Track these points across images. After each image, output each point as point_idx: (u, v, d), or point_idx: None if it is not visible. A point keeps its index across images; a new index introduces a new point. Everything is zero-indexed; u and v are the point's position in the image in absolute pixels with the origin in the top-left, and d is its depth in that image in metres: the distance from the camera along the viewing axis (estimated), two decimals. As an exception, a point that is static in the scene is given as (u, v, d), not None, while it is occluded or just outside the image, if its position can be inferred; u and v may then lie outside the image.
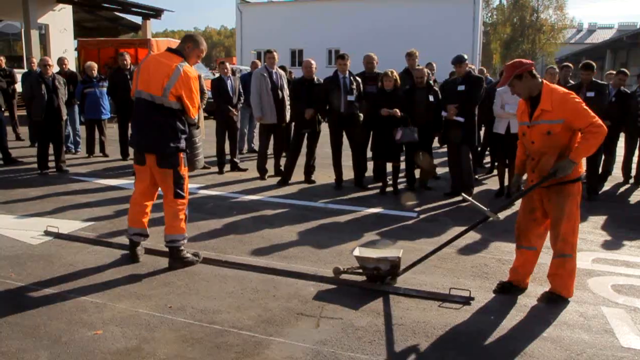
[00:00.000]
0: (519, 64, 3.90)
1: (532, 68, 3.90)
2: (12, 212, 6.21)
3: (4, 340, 3.31)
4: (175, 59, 4.38)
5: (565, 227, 3.86)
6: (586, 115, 3.68)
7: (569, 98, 3.76)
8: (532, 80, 3.86)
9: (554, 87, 3.87)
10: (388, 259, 4.19)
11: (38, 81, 8.26)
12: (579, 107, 3.71)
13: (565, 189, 3.85)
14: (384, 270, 4.18)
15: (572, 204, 3.87)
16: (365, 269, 4.23)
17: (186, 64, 4.37)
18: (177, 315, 3.68)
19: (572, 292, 4.03)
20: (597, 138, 3.69)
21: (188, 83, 4.32)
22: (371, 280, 4.23)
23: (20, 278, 4.26)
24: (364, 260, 4.22)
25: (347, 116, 7.45)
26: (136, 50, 17.63)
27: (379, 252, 4.40)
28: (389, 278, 4.23)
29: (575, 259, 3.96)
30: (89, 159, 9.83)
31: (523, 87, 3.88)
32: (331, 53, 34.04)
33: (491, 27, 51.46)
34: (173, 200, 4.46)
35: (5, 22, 19.53)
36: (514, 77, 3.87)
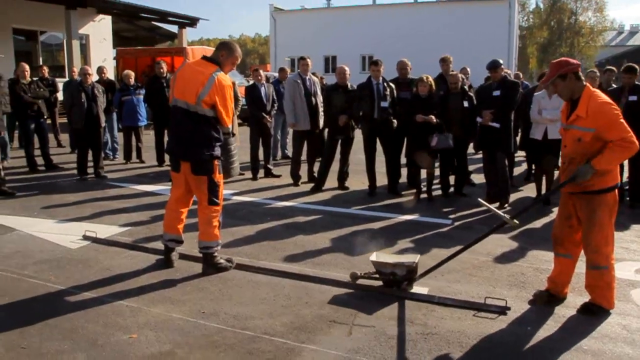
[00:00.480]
0: (565, 63, 3.79)
1: (578, 69, 3.78)
2: (52, 216, 6.38)
3: (44, 341, 3.39)
4: (210, 67, 4.40)
5: (596, 238, 3.75)
6: (620, 128, 3.57)
7: (606, 108, 3.63)
8: (576, 82, 3.75)
9: (594, 94, 3.72)
10: (404, 264, 4.17)
11: (78, 90, 8.49)
12: (614, 119, 3.60)
13: (595, 198, 3.73)
14: (400, 276, 4.14)
15: (604, 214, 3.74)
16: (382, 274, 4.21)
17: (221, 72, 4.40)
18: (210, 320, 3.70)
19: (613, 303, 3.89)
20: (624, 152, 3.61)
21: (222, 91, 4.34)
22: (387, 285, 4.20)
23: (60, 281, 4.37)
24: (381, 265, 4.20)
25: (381, 122, 7.40)
26: (172, 58, 17.98)
27: (395, 258, 4.40)
28: (406, 283, 4.17)
29: (612, 269, 3.82)
30: (126, 165, 10.04)
31: (566, 87, 3.77)
32: (365, 59, 34.02)
33: (527, 31, 50.63)
34: (207, 207, 4.50)
35: (49, 33, 20.20)
36: (557, 76, 3.76)
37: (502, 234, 5.74)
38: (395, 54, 12.72)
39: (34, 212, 6.56)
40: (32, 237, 5.57)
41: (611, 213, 3.79)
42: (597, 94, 3.73)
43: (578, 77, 3.75)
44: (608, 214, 3.76)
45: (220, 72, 4.41)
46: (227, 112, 4.43)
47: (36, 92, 9.38)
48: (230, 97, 4.44)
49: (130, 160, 10.28)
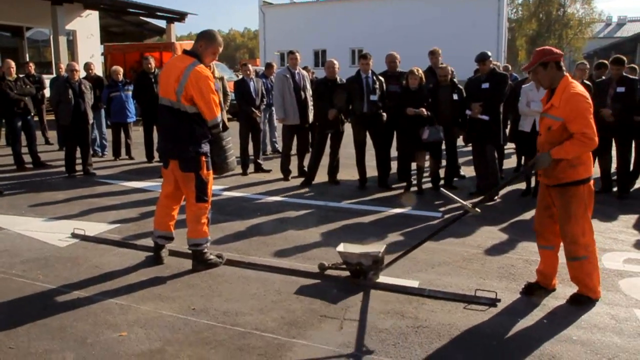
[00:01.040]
0: (548, 52, 3.82)
1: (561, 59, 3.81)
2: (40, 214, 6.32)
3: (33, 340, 3.37)
4: (187, 60, 4.30)
5: (572, 230, 3.78)
6: (584, 122, 3.60)
7: (576, 99, 3.65)
8: (557, 71, 3.77)
9: (571, 84, 3.74)
10: (370, 255, 4.20)
11: (65, 86, 8.42)
12: (581, 111, 3.63)
13: (569, 190, 3.77)
14: (366, 266, 4.19)
15: (578, 206, 3.77)
16: (349, 265, 4.25)
17: (198, 65, 4.26)
18: (201, 317, 3.69)
19: (599, 292, 3.92)
20: (582, 147, 3.63)
21: (197, 84, 4.19)
22: (354, 275, 4.25)
23: (48, 280, 4.33)
24: (347, 256, 4.25)
25: (371, 116, 7.40)
26: (161, 53, 17.88)
27: (361, 248, 4.43)
28: (372, 273, 4.22)
29: (592, 259, 3.85)
30: (115, 162, 9.97)
31: (546, 76, 3.80)
32: (354, 53, 33.97)
33: (516, 23, 50.77)
34: (195, 204, 4.46)
35: (35, 29, 19.97)
36: (539, 64, 3.79)
37: (492, 226, 5.77)
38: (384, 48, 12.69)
39: (22, 211, 6.50)
40: (19, 235, 5.51)
41: (586, 205, 3.80)
42: (573, 85, 3.74)
43: (559, 66, 3.78)
44: (583, 206, 3.78)
45: (197, 64, 4.27)
46: (207, 105, 4.27)
47: (22, 89, 9.26)
48: (208, 88, 4.25)
49: (119, 157, 10.21)
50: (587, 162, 3.78)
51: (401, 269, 4.56)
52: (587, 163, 3.78)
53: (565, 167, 3.72)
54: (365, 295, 4.06)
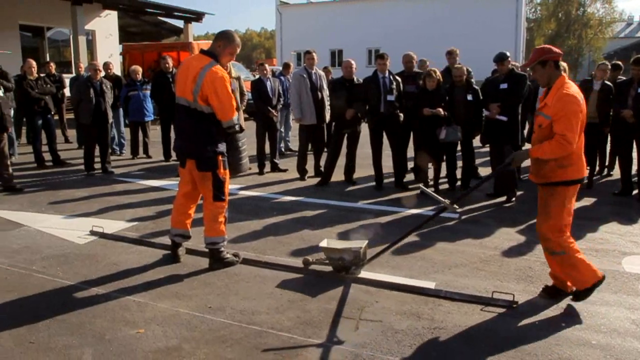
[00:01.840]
0: (547, 50, 3.83)
1: (559, 58, 3.83)
2: (60, 212, 6.41)
3: (52, 336, 3.41)
4: (203, 60, 4.30)
5: (543, 226, 3.84)
6: (566, 125, 3.61)
7: (566, 100, 3.66)
8: (555, 70, 3.79)
9: (565, 85, 3.73)
10: (352, 250, 4.32)
11: (87, 85, 8.51)
12: (567, 113, 3.63)
13: (553, 189, 3.80)
14: (348, 261, 4.30)
15: (556, 205, 3.79)
16: (331, 260, 4.36)
17: (214, 65, 4.26)
18: (217, 315, 3.71)
19: (587, 281, 3.81)
20: (558, 148, 3.64)
21: (213, 84, 4.18)
22: (337, 270, 4.36)
23: (67, 276, 4.39)
24: (330, 252, 4.36)
25: (387, 116, 7.38)
26: (178, 53, 17.99)
27: (344, 244, 4.55)
28: (354, 268, 4.32)
29: (573, 254, 3.80)
30: (133, 161, 10.07)
31: (544, 74, 3.82)
32: (371, 53, 33.91)
33: (535, 23, 50.21)
34: (212, 203, 4.48)
35: (55, 29, 20.26)
36: (537, 62, 3.81)
37: (509, 228, 5.72)
38: (401, 48, 12.65)
39: (42, 208, 6.59)
40: (40, 232, 5.60)
41: (565, 204, 3.79)
42: (567, 86, 3.74)
43: (557, 65, 3.80)
44: (561, 204, 3.79)
45: (214, 64, 4.26)
46: (221, 106, 4.25)
47: (43, 88, 9.41)
48: (225, 88, 4.23)
49: (137, 156, 10.31)
50: (577, 164, 3.77)
51: (418, 270, 4.55)
52: (577, 165, 3.77)
53: (555, 167, 3.75)
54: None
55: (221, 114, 4.29)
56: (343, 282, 4.23)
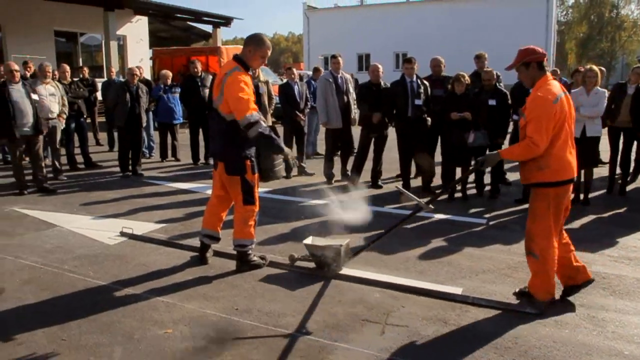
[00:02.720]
0: (531, 52, 3.85)
1: (543, 59, 3.84)
2: (91, 213, 6.55)
3: (83, 334, 3.49)
4: (230, 65, 4.37)
5: (531, 227, 3.86)
6: (536, 127, 3.63)
7: (536, 102, 3.69)
8: (538, 71, 3.81)
9: (544, 86, 3.74)
10: (332, 247, 4.47)
11: (123, 89, 8.69)
12: (536, 115, 3.65)
13: (535, 190, 3.85)
14: (330, 257, 4.45)
15: (540, 206, 3.80)
16: (314, 257, 4.54)
17: (236, 69, 4.28)
18: (244, 317, 3.74)
19: (544, 297, 3.83)
20: (525, 150, 3.70)
21: (229, 88, 4.19)
22: (319, 267, 4.53)
23: (98, 276, 4.48)
24: (312, 248, 4.54)
25: (415, 120, 7.34)
26: (207, 57, 18.22)
27: (326, 241, 4.70)
28: (335, 265, 4.46)
29: (544, 263, 3.79)
30: (161, 163, 10.22)
31: (528, 75, 3.85)
32: (398, 57, 33.79)
33: (566, 26, 49.30)
34: (243, 207, 4.51)
35: (88, 34, 20.73)
36: (521, 64, 3.84)
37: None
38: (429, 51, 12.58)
39: (74, 209, 6.74)
40: (72, 233, 5.73)
41: (549, 207, 3.77)
42: (545, 87, 3.73)
43: (541, 66, 3.81)
44: (545, 207, 3.78)
45: (236, 69, 4.28)
46: (234, 104, 4.18)
47: (76, 92, 9.64)
48: (238, 88, 4.17)
49: (166, 159, 10.46)
50: (556, 167, 3.73)
51: (445, 275, 4.51)
52: (556, 167, 3.73)
53: (532, 169, 3.78)
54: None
55: (236, 113, 4.22)
56: (363, 287, 4.22)
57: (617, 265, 4.77)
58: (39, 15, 17.44)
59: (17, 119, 7.22)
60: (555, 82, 3.85)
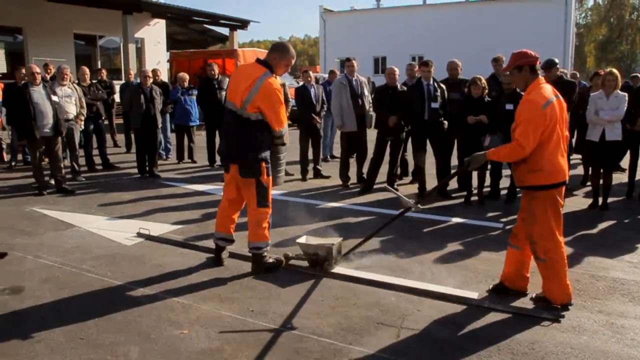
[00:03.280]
0: (523, 55, 3.88)
1: (536, 62, 3.87)
2: (109, 213, 6.62)
3: (100, 333, 3.53)
4: (259, 70, 4.38)
5: (531, 229, 3.89)
6: (523, 130, 3.69)
7: (525, 106, 3.76)
8: (530, 75, 3.85)
9: (535, 90, 3.79)
10: (325, 246, 4.60)
11: (138, 91, 8.79)
12: (524, 118, 3.71)
13: (529, 193, 3.89)
14: (322, 256, 4.56)
15: (537, 208, 3.83)
16: (307, 255, 4.63)
17: (270, 76, 4.35)
18: (259, 319, 3.75)
19: (561, 299, 3.87)
20: (511, 152, 3.78)
21: (269, 95, 4.29)
22: (312, 265, 4.63)
23: (115, 276, 4.53)
24: (306, 247, 4.65)
25: (431, 123, 7.32)
26: (223, 60, 18.34)
27: (319, 240, 4.82)
28: (327, 263, 4.57)
29: (553, 265, 3.82)
30: (178, 165, 10.30)
31: (520, 78, 3.91)
32: (414, 59, 33.68)
33: (585, 29, 48.81)
34: (256, 209, 4.53)
35: (107, 37, 20.99)
36: (514, 67, 3.89)
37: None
38: (445, 54, 12.53)
39: (92, 209, 6.82)
40: (90, 233, 5.79)
41: (547, 209, 3.81)
42: (536, 91, 3.77)
43: (533, 70, 3.85)
44: (542, 209, 3.81)
45: (269, 75, 4.36)
46: (275, 117, 4.36)
47: (95, 94, 9.77)
48: (279, 100, 4.36)
49: (182, 160, 10.54)
50: (549, 169, 3.76)
51: (461, 279, 4.49)
52: (549, 170, 3.76)
53: (524, 172, 3.83)
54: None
55: (275, 123, 4.39)
56: (379, 290, 4.22)
57: (636, 272, 4.71)
58: (59, 19, 17.71)
59: (38, 120, 7.35)
60: (548, 85, 3.90)
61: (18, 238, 5.60)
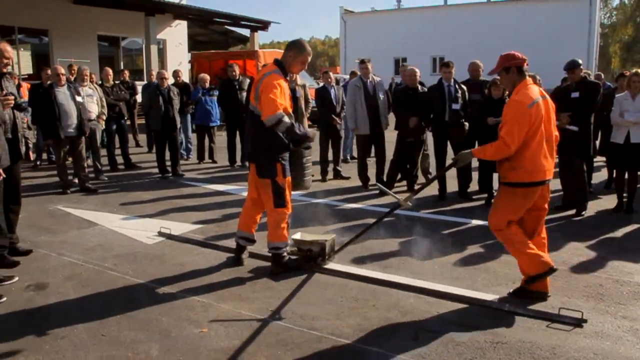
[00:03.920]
0: (511, 57, 4.01)
1: (523, 64, 3.98)
2: (130, 212, 6.71)
3: (122, 330, 3.58)
4: (269, 68, 4.47)
5: (491, 220, 4.07)
6: (508, 129, 3.81)
7: (511, 106, 3.89)
8: (518, 76, 3.97)
9: (522, 90, 3.90)
10: (318, 242, 4.76)
11: (156, 93, 8.89)
12: (510, 117, 3.84)
13: (503, 187, 4.05)
14: (315, 252, 4.73)
15: (505, 201, 4.02)
16: (301, 251, 4.79)
17: (272, 73, 4.37)
18: (278, 318, 3.76)
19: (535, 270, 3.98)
20: (496, 150, 3.89)
21: (265, 87, 4.28)
22: (306, 260, 4.75)
23: (137, 274, 4.59)
24: (300, 243, 4.81)
25: (452, 125, 7.27)
26: (244, 61, 18.43)
27: (314, 237, 4.98)
28: (320, 259, 4.73)
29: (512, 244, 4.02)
30: (199, 165, 10.39)
31: (508, 80, 4.04)
32: (435, 61, 33.50)
33: (610, 29, 47.99)
34: (274, 210, 4.55)
35: (130, 39, 21.26)
36: (502, 69, 4.03)
37: (579, 242, 5.49)
38: (466, 55, 12.43)
39: (114, 208, 6.92)
40: (112, 231, 5.88)
41: (513, 202, 3.97)
42: (523, 92, 3.89)
43: (520, 71, 3.98)
44: (509, 201, 3.99)
45: (274, 72, 4.38)
46: (262, 105, 4.26)
47: (118, 95, 9.91)
48: (269, 89, 4.24)
49: (203, 160, 10.63)
50: (529, 168, 3.88)
51: (481, 282, 4.45)
52: (528, 168, 3.88)
53: (507, 169, 3.96)
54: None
55: (263, 112, 4.28)
56: (398, 292, 4.21)
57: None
58: (83, 21, 17.99)
59: (62, 121, 7.48)
60: (535, 86, 3.99)
61: (42, 236, 5.70)
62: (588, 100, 6.47)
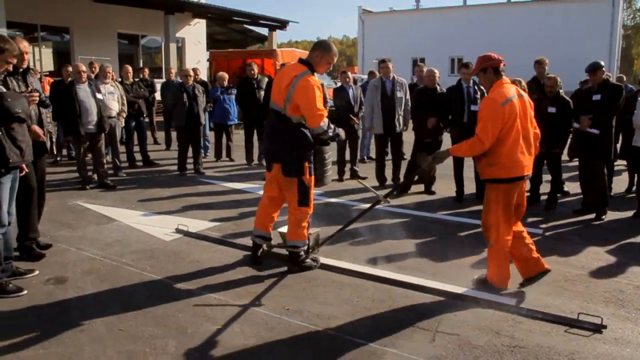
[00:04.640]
0: (487, 58, 4.17)
1: (499, 65, 4.13)
2: (148, 209, 6.76)
3: (139, 326, 3.61)
4: (299, 69, 4.40)
5: (485, 218, 4.21)
6: (482, 126, 3.94)
7: (485, 103, 4.04)
8: (494, 76, 4.13)
9: (496, 89, 4.04)
10: None
11: (180, 90, 8.95)
12: (483, 115, 3.98)
13: (488, 185, 4.19)
14: None
15: (491, 200, 4.15)
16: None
17: (307, 74, 4.35)
18: (294, 317, 3.77)
19: (503, 283, 4.21)
20: (471, 146, 4.03)
21: (305, 93, 4.26)
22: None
23: (154, 271, 4.63)
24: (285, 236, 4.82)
25: (470, 126, 7.20)
26: (262, 60, 18.45)
27: None
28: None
29: (499, 250, 4.15)
30: (216, 163, 10.44)
31: (485, 80, 4.21)
32: (453, 61, 33.28)
33: (633, 30, 47.24)
34: (297, 208, 4.55)
35: (149, 37, 21.44)
36: (480, 70, 4.19)
37: (598, 247, 5.42)
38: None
39: (132, 205, 6.98)
40: (130, 227, 5.93)
41: (499, 200, 4.09)
42: (498, 90, 4.03)
43: (497, 71, 4.13)
44: (495, 200, 4.11)
45: (307, 73, 4.36)
46: (311, 113, 4.30)
47: (137, 92, 9.99)
48: (315, 96, 4.29)
49: (220, 159, 10.68)
50: (505, 164, 4.00)
51: (498, 285, 4.41)
52: (505, 165, 4.00)
53: (484, 165, 4.10)
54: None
55: (311, 120, 4.35)
56: (415, 293, 4.20)
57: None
58: (104, 19, 18.19)
59: (83, 118, 7.56)
60: (511, 85, 4.13)
61: (62, 230, 5.78)
62: (610, 103, 6.38)
